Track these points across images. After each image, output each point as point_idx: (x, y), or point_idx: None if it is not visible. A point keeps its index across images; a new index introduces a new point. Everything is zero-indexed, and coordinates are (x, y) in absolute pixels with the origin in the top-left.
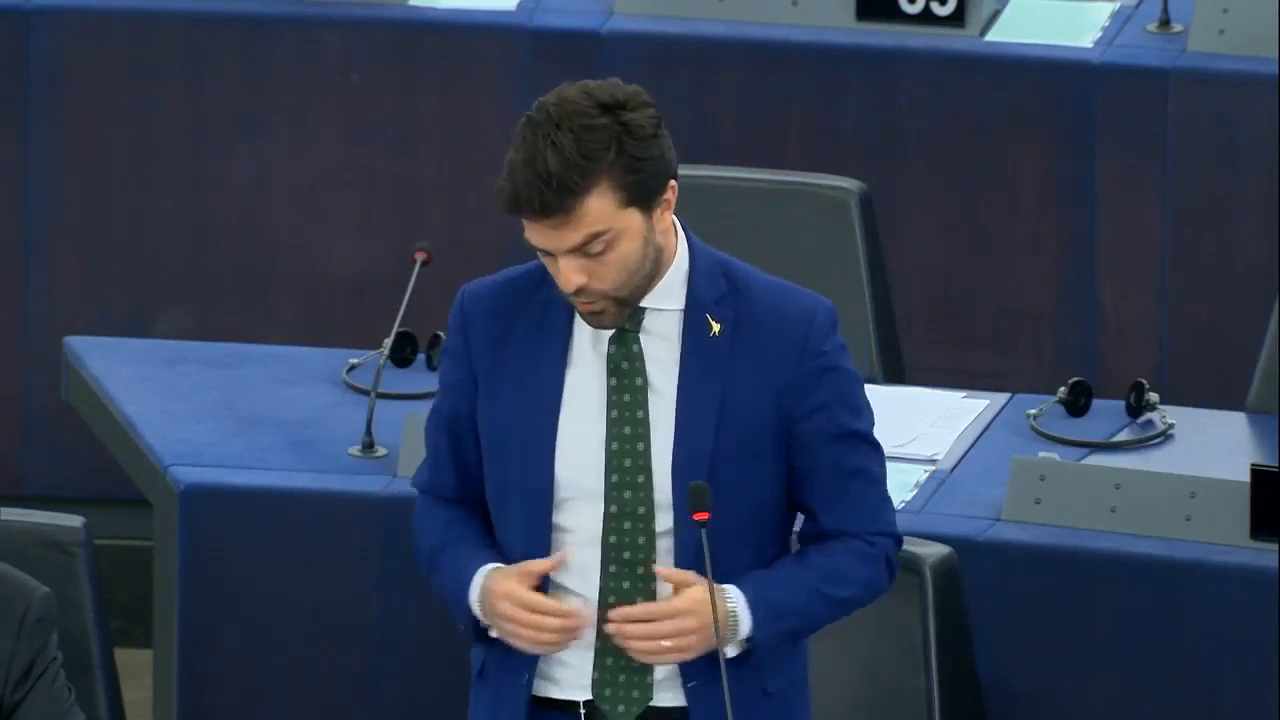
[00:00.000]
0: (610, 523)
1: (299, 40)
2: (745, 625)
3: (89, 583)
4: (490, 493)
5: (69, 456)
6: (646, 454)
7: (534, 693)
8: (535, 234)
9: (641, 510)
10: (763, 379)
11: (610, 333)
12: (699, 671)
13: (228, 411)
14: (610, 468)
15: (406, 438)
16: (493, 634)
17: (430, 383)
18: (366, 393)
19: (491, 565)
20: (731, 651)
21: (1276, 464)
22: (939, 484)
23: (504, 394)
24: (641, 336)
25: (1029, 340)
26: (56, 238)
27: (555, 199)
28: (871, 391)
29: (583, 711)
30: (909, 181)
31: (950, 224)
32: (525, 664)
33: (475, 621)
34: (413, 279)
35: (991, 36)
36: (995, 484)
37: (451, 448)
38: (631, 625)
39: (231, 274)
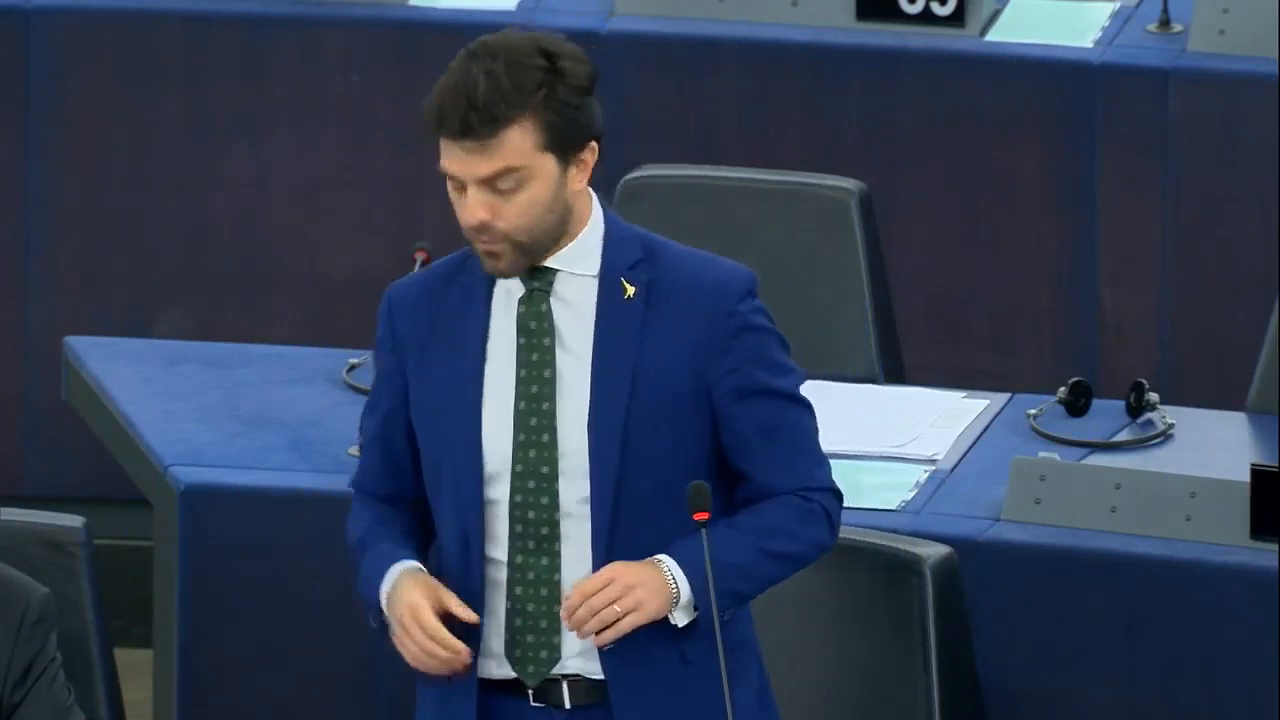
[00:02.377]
0: (515, 482)
1: (299, 40)
2: (686, 592)
3: (89, 583)
4: (428, 478)
5: (69, 456)
6: (551, 414)
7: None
8: (451, 158)
9: (545, 470)
10: (677, 341)
11: (522, 296)
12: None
13: (228, 411)
14: (517, 427)
15: None
16: None
17: None
18: (366, 392)
19: (408, 564)
20: (682, 620)
21: (1276, 464)
22: (939, 484)
23: (433, 378)
24: (555, 301)
25: (1029, 340)
26: (56, 238)
27: (478, 122)
28: (871, 391)
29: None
30: (909, 181)
31: (950, 224)
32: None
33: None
34: None
35: (991, 36)
36: (995, 484)
37: (383, 444)
38: (579, 612)
39: (231, 274)
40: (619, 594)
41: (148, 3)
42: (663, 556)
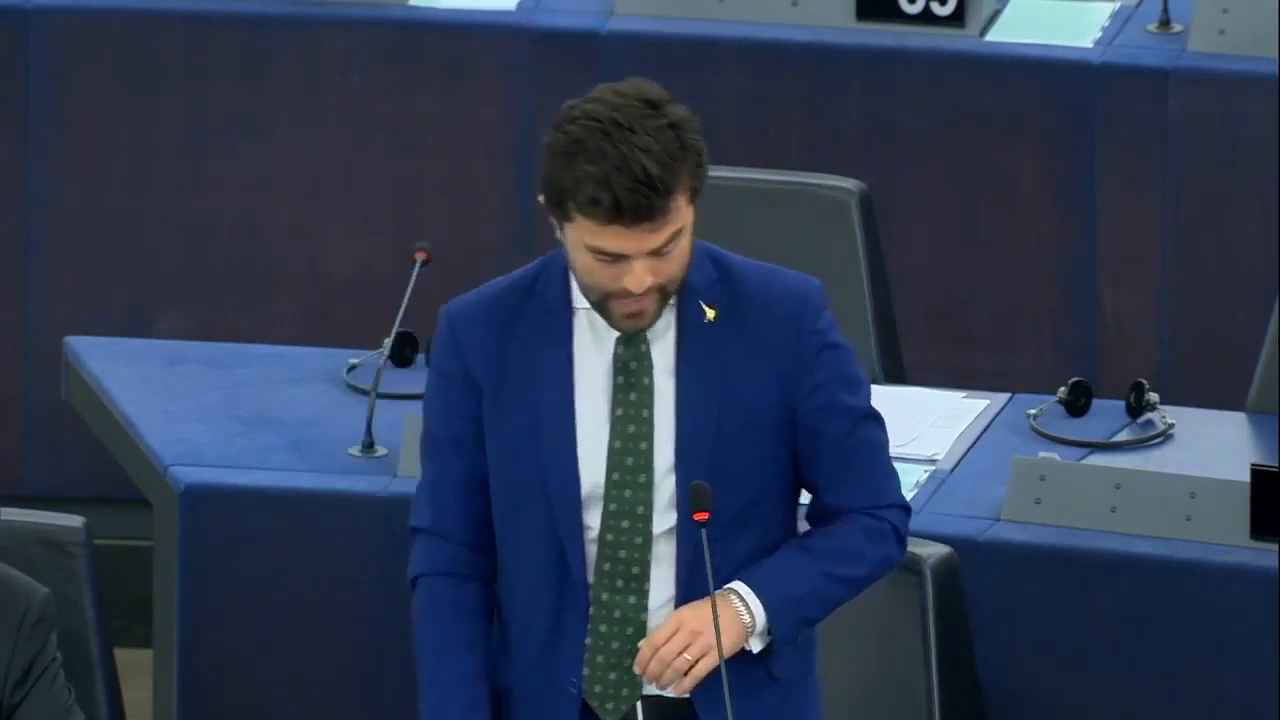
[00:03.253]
0: (608, 520)
1: (299, 40)
2: (761, 618)
3: (89, 583)
4: (501, 506)
5: (69, 456)
6: (649, 454)
7: None
8: (618, 240)
9: (640, 510)
10: (761, 362)
11: (612, 334)
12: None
13: (228, 411)
14: (611, 465)
15: (406, 438)
16: None
17: None
18: (366, 393)
19: None
20: (757, 646)
21: (1276, 464)
22: (939, 484)
23: (515, 407)
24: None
25: (1029, 340)
26: (56, 238)
27: (660, 201)
28: (872, 391)
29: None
30: (909, 181)
31: (950, 224)
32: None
33: None
34: (413, 279)
35: (991, 36)
36: (995, 484)
37: (465, 473)
38: (651, 665)
39: (231, 274)
40: (687, 641)
41: (148, 3)
42: (735, 584)
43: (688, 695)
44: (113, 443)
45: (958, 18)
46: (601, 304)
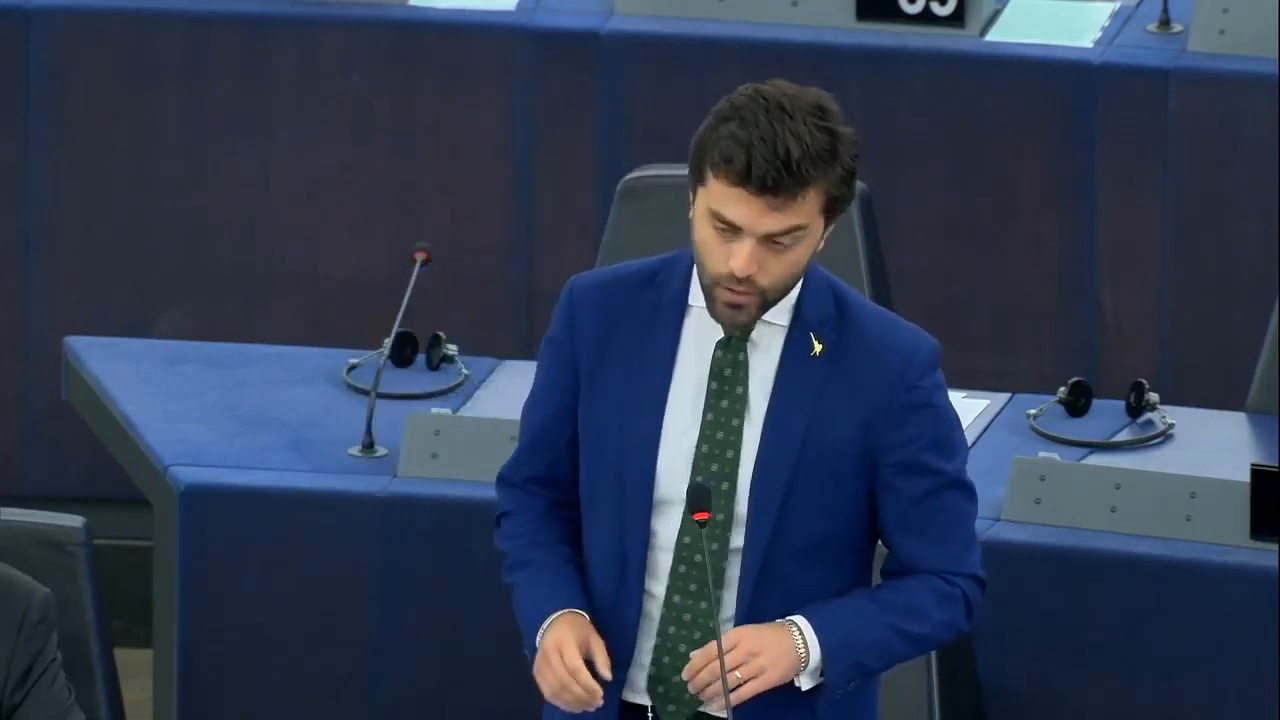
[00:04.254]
0: (687, 524)
1: (299, 40)
2: (816, 656)
3: (89, 583)
4: (584, 488)
5: (69, 456)
6: (734, 462)
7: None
8: (740, 207)
9: (720, 517)
10: (853, 405)
11: (718, 337)
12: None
13: (228, 411)
14: (696, 469)
15: (406, 438)
16: None
17: (430, 383)
18: (366, 393)
19: (563, 612)
20: (806, 684)
21: (1276, 464)
22: None
23: (609, 391)
24: (747, 346)
25: (1029, 340)
26: (56, 238)
27: (790, 181)
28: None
29: (650, 715)
30: (909, 181)
31: (950, 224)
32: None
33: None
34: (412, 279)
35: (991, 36)
36: (995, 484)
37: (547, 439)
38: (701, 674)
39: (231, 274)
40: (741, 660)
41: (148, 3)
42: (796, 618)
43: (724, 716)
44: (113, 443)
45: (958, 18)
46: (709, 290)
